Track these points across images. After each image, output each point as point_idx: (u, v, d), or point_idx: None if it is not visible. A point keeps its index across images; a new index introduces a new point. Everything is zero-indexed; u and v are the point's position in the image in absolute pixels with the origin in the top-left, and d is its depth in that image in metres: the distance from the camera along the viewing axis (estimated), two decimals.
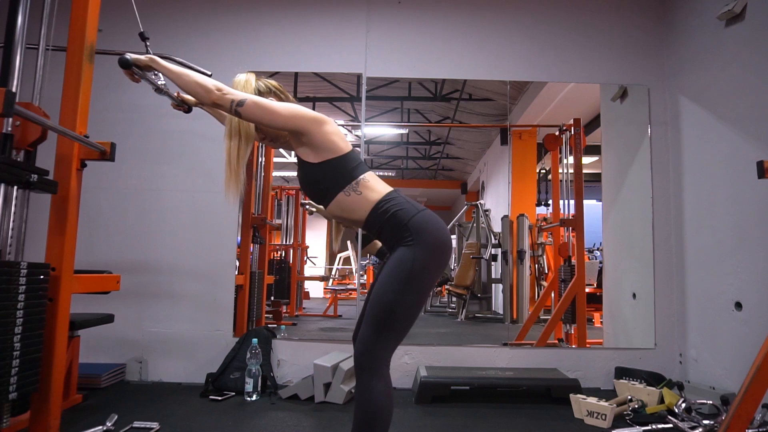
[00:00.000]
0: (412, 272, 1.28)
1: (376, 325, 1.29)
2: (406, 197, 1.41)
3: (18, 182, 1.54)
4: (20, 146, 1.59)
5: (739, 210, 2.46)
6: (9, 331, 1.44)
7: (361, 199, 1.38)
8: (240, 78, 1.48)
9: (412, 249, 1.30)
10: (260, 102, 1.35)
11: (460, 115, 4.36)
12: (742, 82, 2.46)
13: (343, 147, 1.40)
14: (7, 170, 1.50)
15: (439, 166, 5.29)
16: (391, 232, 1.34)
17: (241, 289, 3.07)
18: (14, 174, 1.52)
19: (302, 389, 2.54)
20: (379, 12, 3.17)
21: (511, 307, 3.93)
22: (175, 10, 3.14)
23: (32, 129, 1.60)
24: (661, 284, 2.96)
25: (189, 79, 1.36)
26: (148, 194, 2.99)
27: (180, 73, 1.38)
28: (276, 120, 1.35)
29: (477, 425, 2.21)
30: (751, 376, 1.53)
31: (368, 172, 1.42)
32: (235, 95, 1.34)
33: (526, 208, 4.02)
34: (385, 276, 1.32)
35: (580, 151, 3.41)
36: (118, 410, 2.17)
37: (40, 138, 1.61)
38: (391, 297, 1.28)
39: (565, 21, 3.16)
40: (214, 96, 1.34)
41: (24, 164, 1.60)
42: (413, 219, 1.32)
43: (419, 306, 1.33)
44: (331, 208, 1.43)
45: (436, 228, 1.34)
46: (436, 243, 1.32)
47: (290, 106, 1.39)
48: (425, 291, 1.33)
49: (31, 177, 1.55)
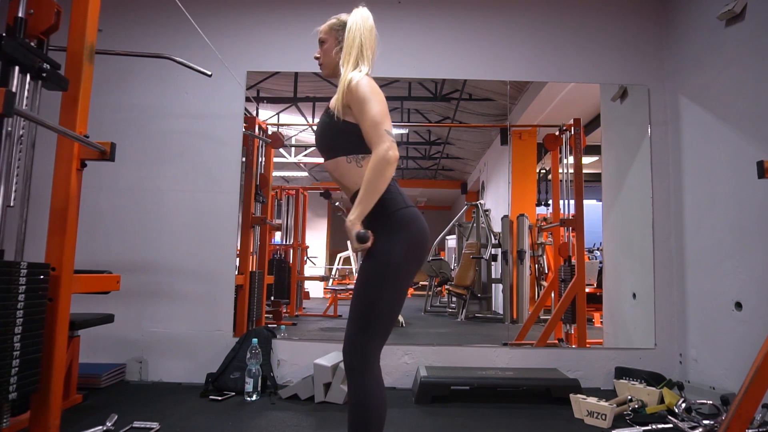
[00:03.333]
0: (390, 267, 1.29)
1: (360, 322, 1.30)
2: (401, 191, 1.40)
3: (31, 69, 1.51)
4: (33, 33, 1.61)
5: (739, 210, 2.46)
6: (9, 331, 1.44)
7: (359, 171, 1.38)
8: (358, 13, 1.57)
9: (389, 243, 1.30)
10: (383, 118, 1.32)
11: (460, 115, 4.36)
12: (742, 82, 2.46)
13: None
14: (22, 52, 1.46)
15: (439, 166, 5.29)
16: (374, 215, 1.32)
17: (241, 289, 3.07)
18: (29, 58, 1.48)
19: (302, 389, 2.54)
20: (379, 12, 3.15)
21: (511, 307, 3.93)
22: (175, 10, 3.14)
23: (46, 14, 1.61)
24: (661, 284, 2.96)
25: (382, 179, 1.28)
26: (148, 194, 2.99)
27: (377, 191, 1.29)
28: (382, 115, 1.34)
29: (477, 425, 2.21)
30: (751, 376, 1.53)
31: None
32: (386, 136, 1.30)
33: (526, 208, 4.02)
34: (363, 273, 1.32)
35: (580, 151, 3.41)
36: (118, 410, 2.17)
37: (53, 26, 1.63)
38: (371, 292, 1.29)
39: (565, 21, 3.16)
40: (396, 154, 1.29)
41: (37, 50, 1.59)
42: (399, 211, 1.33)
43: (400, 300, 1.34)
44: (329, 164, 1.45)
45: (418, 226, 1.35)
46: (414, 239, 1.33)
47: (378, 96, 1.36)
48: (404, 284, 1.35)
49: (43, 65, 1.53)
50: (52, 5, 1.66)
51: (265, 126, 3.59)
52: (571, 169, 3.51)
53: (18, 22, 1.54)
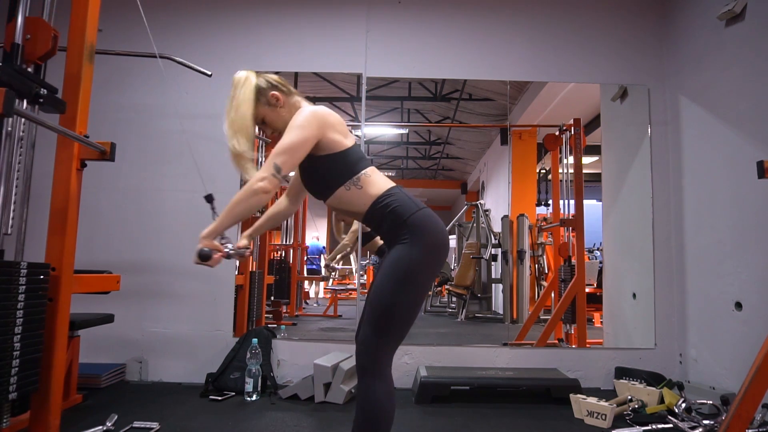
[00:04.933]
0: (409, 272, 1.28)
1: (375, 325, 1.29)
2: (408, 194, 1.40)
3: (28, 95, 1.51)
4: (30, 59, 1.59)
5: (739, 210, 2.46)
6: (9, 331, 1.44)
7: (362, 193, 1.37)
8: (240, 75, 1.44)
9: (408, 248, 1.29)
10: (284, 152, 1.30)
11: (460, 115, 4.36)
12: (743, 82, 2.46)
13: (344, 143, 1.39)
14: (19, 79, 1.46)
15: (439, 166, 5.29)
16: (389, 227, 1.34)
17: (241, 289, 3.07)
18: (26, 85, 1.48)
19: (302, 389, 2.54)
20: (379, 12, 3.17)
21: (511, 307, 3.93)
22: (175, 10, 3.14)
23: (43, 39, 1.60)
24: (661, 284, 2.96)
25: (241, 206, 1.29)
26: (149, 194, 2.99)
27: (233, 215, 1.29)
28: (303, 151, 1.33)
29: (477, 425, 2.21)
30: (751, 376, 1.53)
31: (370, 167, 1.42)
32: (269, 169, 1.28)
33: (526, 208, 4.02)
34: (382, 276, 1.31)
35: (580, 151, 3.41)
36: (118, 410, 2.17)
37: (50, 51, 1.61)
38: (389, 297, 1.28)
39: (565, 21, 3.16)
40: (266, 188, 1.28)
41: (34, 76, 1.58)
42: (412, 216, 1.32)
43: (418, 305, 1.33)
44: (331, 201, 1.43)
45: (434, 227, 1.34)
46: (433, 242, 1.32)
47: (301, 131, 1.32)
48: (423, 290, 1.33)
49: (40, 90, 1.52)
50: (48, 30, 1.64)
51: None
52: (571, 169, 3.51)
53: (15, 49, 1.52)
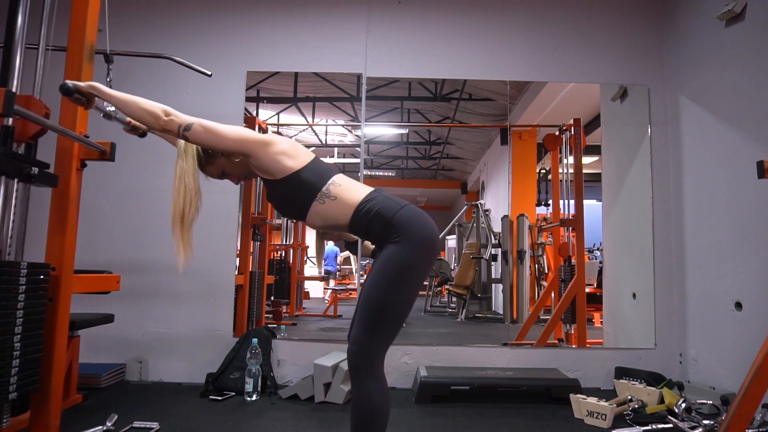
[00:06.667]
0: (400, 269, 1.28)
1: (367, 324, 1.29)
2: (388, 195, 1.39)
3: (19, 175, 1.52)
4: (21, 139, 1.58)
5: (740, 210, 2.46)
6: (9, 331, 1.44)
7: (339, 204, 1.36)
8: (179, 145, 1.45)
9: (399, 246, 1.29)
10: (207, 125, 1.34)
11: (460, 115, 4.36)
12: (743, 82, 2.46)
13: (291, 165, 1.36)
14: (8, 162, 1.48)
15: (439, 166, 5.29)
16: (378, 231, 1.33)
17: (241, 289, 3.07)
18: (15, 167, 1.50)
19: (302, 389, 2.54)
20: (379, 12, 3.17)
21: (511, 307, 3.94)
22: (175, 11, 3.14)
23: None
24: (661, 284, 2.96)
25: (135, 106, 1.36)
26: (149, 194, 2.99)
27: (125, 100, 1.37)
28: (224, 143, 1.34)
29: (477, 425, 2.21)
30: (751, 376, 1.53)
31: (337, 176, 1.40)
32: (183, 119, 1.34)
33: (526, 208, 4.02)
34: (374, 274, 1.31)
35: (580, 151, 3.40)
36: (118, 410, 2.17)
37: (41, 131, 1.60)
38: (381, 295, 1.28)
39: (565, 21, 3.16)
40: (162, 122, 1.34)
41: (25, 157, 1.58)
42: (396, 216, 1.31)
43: (410, 303, 1.33)
44: (312, 221, 1.41)
45: (421, 222, 1.33)
46: (422, 237, 1.31)
47: (236, 128, 1.37)
48: (415, 287, 1.33)
49: (31, 170, 1.54)
50: (40, 109, 1.62)
51: (265, 126, 3.59)
52: (571, 169, 3.51)
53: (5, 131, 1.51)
